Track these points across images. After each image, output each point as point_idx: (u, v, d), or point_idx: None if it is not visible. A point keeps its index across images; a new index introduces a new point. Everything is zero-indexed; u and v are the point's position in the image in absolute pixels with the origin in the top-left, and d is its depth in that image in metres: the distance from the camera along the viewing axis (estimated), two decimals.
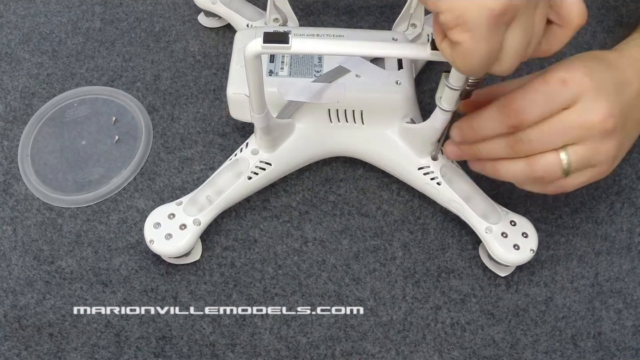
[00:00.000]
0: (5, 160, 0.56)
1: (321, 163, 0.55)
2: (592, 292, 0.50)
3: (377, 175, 0.54)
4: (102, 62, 0.61)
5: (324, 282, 0.50)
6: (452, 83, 0.39)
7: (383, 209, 0.53)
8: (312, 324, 0.48)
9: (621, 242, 0.52)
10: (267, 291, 0.49)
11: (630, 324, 0.49)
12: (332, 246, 0.51)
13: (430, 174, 0.49)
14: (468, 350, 0.47)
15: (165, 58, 0.62)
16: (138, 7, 0.66)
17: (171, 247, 0.46)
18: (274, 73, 0.48)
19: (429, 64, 0.60)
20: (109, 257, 0.51)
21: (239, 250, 0.51)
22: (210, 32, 0.64)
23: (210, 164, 0.55)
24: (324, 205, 0.53)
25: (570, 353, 0.48)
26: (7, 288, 0.49)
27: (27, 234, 0.52)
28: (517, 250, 0.47)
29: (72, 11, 0.65)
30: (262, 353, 0.47)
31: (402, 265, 0.51)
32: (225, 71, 0.60)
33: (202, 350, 0.47)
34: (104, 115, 0.58)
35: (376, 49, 0.36)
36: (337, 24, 0.64)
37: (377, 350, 0.47)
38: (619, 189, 0.55)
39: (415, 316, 0.49)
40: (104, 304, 0.49)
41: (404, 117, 0.49)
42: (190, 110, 0.58)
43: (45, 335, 0.47)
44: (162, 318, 0.48)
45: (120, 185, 0.54)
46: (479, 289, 0.50)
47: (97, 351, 0.47)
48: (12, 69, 0.61)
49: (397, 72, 0.48)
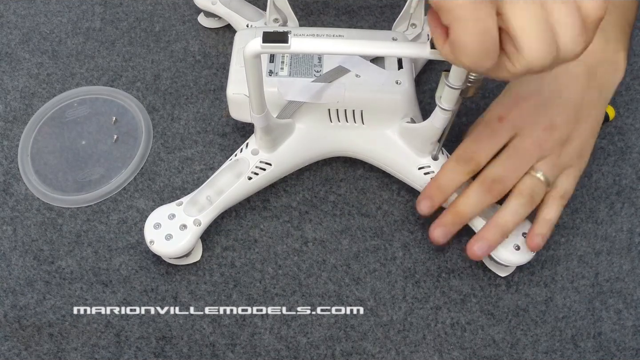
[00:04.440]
0: (5, 160, 0.56)
1: (321, 163, 0.55)
2: (592, 292, 0.50)
3: (377, 175, 0.54)
4: (102, 62, 0.61)
5: (324, 282, 0.50)
6: (452, 82, 0.39)
7: (383, 209, 0.53)
8: (312, 324, 0.48)
9: (621, 242, 0.52)
10: (267, 291, 0.49)
11: (630, 324, 0.49)
12: (332, 246, 0.51)
13: (430, 174, 0.49)
14: (468, 350, 0.47)
15: (165, 58, 0.62)
16: (138, 7, 0.66)
17: (171, 248, 0.46)
18: (274, 73, 0.48)
19: (429, 63, 0.60)
20: (109, 257, 0.51)
21: (239, 250, 0.51)
22: (210, 32, 0.64)
23: (210, 164, 0.55)
24: (324, 205, 0.53)
25: (570, 353, 0.48)
26: (7, 288, 0.49)
27: (27, 234, 0.52)
28: (517, 251, 0.47)
29: (72, 11, 0.65)
30: (262, 353, 0.47)
31: (402, 265, 0.51)
32: (225, 71, 0.60)
33: (202, 350, 0.47)
34: (104, 115, 0.58)
35: (376, 48, 0.36)
36: (337, 24, 0.64)
37: (377, 350, 0.47)
38: (619, 189, 0.55)
39: (415, 316, 0.49)
40: (104, 304, 0.49)
41: (404, 117, 0.49)
42: (190, 110, 0.58)
43: (45, 335, 0.47)
44: (162, 318, 0.48)
45: (120, 185, 0.54)
46: (479, 289, 0.50)
47: (97, 351, 0.47)
48: (12, 69, 0.61)
49: (397, 72, 0.48)
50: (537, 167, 0.45)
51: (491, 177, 0.45)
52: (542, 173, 0.44)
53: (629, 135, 0.58)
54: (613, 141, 0.57)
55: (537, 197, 0.45)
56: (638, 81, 0.61)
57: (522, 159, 0.44)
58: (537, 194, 0.45)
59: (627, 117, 0.59)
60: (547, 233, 0.46)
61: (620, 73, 0.47)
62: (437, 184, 0.47)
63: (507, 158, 0.45)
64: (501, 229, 0.45)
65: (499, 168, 0.45)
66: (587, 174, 0.54)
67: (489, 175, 0.45)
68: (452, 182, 0.46)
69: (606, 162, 0.56)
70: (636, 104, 0.60)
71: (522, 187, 0.45)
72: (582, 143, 0.46)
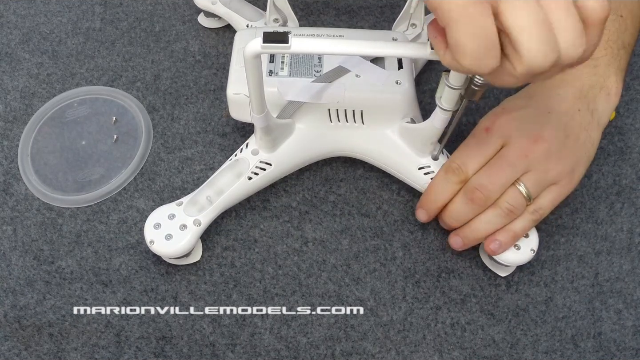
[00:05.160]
0: (5, 160, 0.56)
1: (321, 163, 0.55)
2: (592, 292, 0.50)
3: (377, 175, 0.54)
4: (102, 62, 0.61)
5: (324, 282, 0.50)
6: (452, 82, 0.39)
7: (383, 209, 0.53)
8: (312, 324, 0.48)
9: (621, 242, 0.52)
10: (267, 291, 0.49)
11: (630, 324, 0.49)
12: (332, 246, 0.51)
13: (430, 174, 0.49)
14: (468, 350, 0.47)
15: (165, 58, 0.62)
16: (138, 7, 0.66)
17: (171, 248, 0.46)
18: (274, 73, 0.48)
19: (429, 63, 0.60)
20: (109, 257, 0.51)
21: (239, 250, 0.51)
22: (210, 32, 0.64)
23: (210, 164, 0.55)
24: (324, 205, 0.53)
25: (570, 353, 0.48)
26: (7, 288, 0.49)
27: (27, 234, 0.52)
28: (517, 250, 0.47)
29: (72, 11, 0.65)
30: (262, 353, 0.47)
31: (402, 265, 0.51)
32: (225, 71, 0.60)
33: (202, 350, 0.47)
34: (104, 115, 0.58)
35: (376, 48, 0.36)
36: (337, 24, 0.64)
37: (377, 350, 0.47)
38: (619, 189, 0.55)
39: (415, 316, 0.49)
40: (104, 304, 0.49)
41: (404, 117, 0.49)
42: (190, 110, 0.58)
43: (45, 335, 0.47)
44: (162, 318, 0.48)
45: (120, 185, 0.54)
46: (479, 289, 0.50)
47: (97, 351, 0.47)
48: (12, 69, 0.61)
49: (397, 72, 0.48)
50: (521, 180, 0.44)
51: (474, 185, 0.45)
52: (524, 187, 0.44)
53: (629, 135, 0.58)
54: (613, 141, 0.57)
55: (516, 210, 0.44)
56: (638, 81, 0.61)
57: (506, 168, 0.44)
58: (516, 207, 0.44)
59: (627, 117, 0.59)
60: (506, 242, 0.46)
61: (613, 97, 0.46)
62: (429, 195, 0.48)
63: (490, 167, 0.45)
64: (474, 234, 0.46)
65: (482, 176, 0.45)
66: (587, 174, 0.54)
67: (471, 184, 0.45)
68: (443, 192, 0.47)
69: (606, 162, 0.56)
70: (636, 104, 0.60)
71: (503, 198, 0.44)
72: (574, 163, 0.45)
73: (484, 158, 0.45)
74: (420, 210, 0.49)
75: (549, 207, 0.46)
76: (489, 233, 0.46)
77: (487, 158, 0.45)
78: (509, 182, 0.44)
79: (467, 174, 0.45)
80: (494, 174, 0.44)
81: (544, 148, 0.44)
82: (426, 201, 0.48)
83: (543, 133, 0.44)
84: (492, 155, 0.45)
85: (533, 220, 0.46)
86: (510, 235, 0.46)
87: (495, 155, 0.45)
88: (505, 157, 0.44)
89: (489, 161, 0.45)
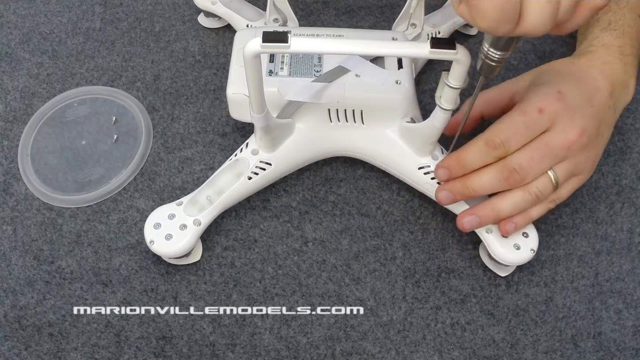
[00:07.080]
0: (5, 160, 0.56)
1: (321, 163, 0.55)
2: (592, 292, 0.50)
3: (377, 175, 0.54)
4: (102, 62, 0.61)
5: (324, 282, 0.50)
6: (452, 82, 0.39)
7: (383, 209, 0.53)
8: (312, 324, 0.48)
9: (621, 242, 0.52)
10: (267, 291, 0.49)
11: (630, 324, 0.49)
12: (332, 246, 0.51)
13: (430, 174, 0.49)
14: (468, 350, 0.47)
15: (165, 58, 0.62)
16: (138, 7, 0.66)
17: (171, 248, 0.46)
18: (274, 73, 0.48)
19: (429, 63, 0.60)
20: (109, 257, 0.51)
21: (239, 250, 0.51)
22: (210, 32, 0.64)
23: (210, 164, 0.55)
24: (324, 205, 0.53)
25: (570, 353, 0.48)
26: (7, 288, 0.49)
27: (27, 234, 0.52)
28: (517, 250, 0.47)
29: (72, 11, 0.65)
30: (262, 353, 0.47)
31: (402, 265, 0.51)
32: (225, 71, 0.60)
33: (202, 350, 0.47)
34: (103, 115, 0.58)
35: (376, 48, 0.36)
36: (337, 24, 0.64)
37: (377, 350, 0.47)
38: (619, 189, 0.55)
39: (415, 316, 0.49)
40: (104, 304, 0.49)
41: (404, 116, 0.49)
42: (190, 110, 0.58)
43: (45, 335, 0.47)
44: (162, 318, 0.48)
45: (120, 185, 0.54)
46: (479, 289, 0.50)
47: (97, 351, 0.47)
48: (12, 69, 0.61)
49: (397, 72, 0.48)
50: (554, 168, 0.44)
51: (513, 165, 0.43)
52: (555, 175, 0.44)
53: (629, 135, 0.58)
54: (613, 141, 0.57)
55: (542, 197, 0.44)
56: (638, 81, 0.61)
57: (549, 155, 0.43)
58: (543, 194, 0.44)
59: (627, 117, 0.59)
60: (521, 225, 0.46)
61: (629, 97, 0.48)
62: (459, 159, 0.45)
63: (533, 150, 0.43)
64: (496, 213, 0.45)
65: (524, 159, 0.43)
66: None
67: (511, 163, 0.44)
68: (476, 161, 0.45)
69: (606, 162, 0.56)
70: (636, 104, 0.60)
71: (534, 183, 0.44)
72: (595, 156, 0.46)
73: (529, 139, 0.44)
74: (442, 170, 0.46)
75: (565, 197, 0.46)
76: (511, 215, 0.45)
77: (532, 139, 0.44)
78: (546, 169, 0.44)
79: (507, 151, 0.44)
80: (536, 159, 0.43)
81: (583, 142, 0.44)
82: (454, 164, 0.45)
83: (587, 126, 0.44)
84: (536, 136, 0.44)
85: (549, 208, 0.46)
86: (527, 219, 0.46)
87: (539, 137, 0.44)
88: (550, 146, 0.43)
89: (530, 141, 0.44)
